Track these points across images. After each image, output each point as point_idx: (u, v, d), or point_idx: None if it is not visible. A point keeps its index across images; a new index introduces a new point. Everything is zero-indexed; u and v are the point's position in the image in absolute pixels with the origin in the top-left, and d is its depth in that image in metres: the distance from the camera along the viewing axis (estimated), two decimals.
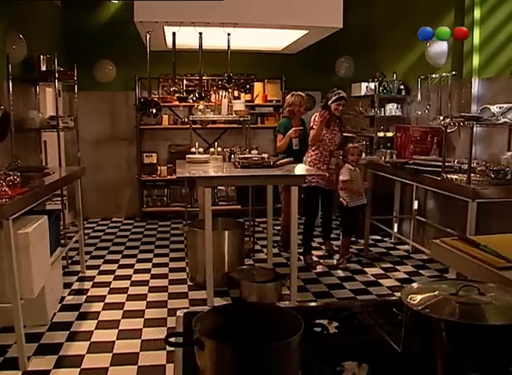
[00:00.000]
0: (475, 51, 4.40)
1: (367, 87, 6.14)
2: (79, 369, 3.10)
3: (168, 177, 6.99)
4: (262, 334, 1.34)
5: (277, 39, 4.77)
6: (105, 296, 4.29)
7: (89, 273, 4.84)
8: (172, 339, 1.28)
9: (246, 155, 4.89)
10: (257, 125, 7.17)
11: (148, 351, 3.35)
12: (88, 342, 3.45)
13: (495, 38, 4.23)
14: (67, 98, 6.28)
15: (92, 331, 3.62)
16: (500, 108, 3.78)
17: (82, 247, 4.84)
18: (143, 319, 3.84)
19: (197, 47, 5.07)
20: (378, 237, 6.05)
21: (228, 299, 4.25)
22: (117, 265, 5.11)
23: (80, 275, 4.77)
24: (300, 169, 4.54)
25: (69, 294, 4.31)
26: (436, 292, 1.38)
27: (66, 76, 4.90)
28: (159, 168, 7.00)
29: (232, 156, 4.93)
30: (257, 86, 7.17)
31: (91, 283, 4.59)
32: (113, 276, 4.79)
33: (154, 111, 4.32)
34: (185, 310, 1.75)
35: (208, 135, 7.23)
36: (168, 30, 4.18)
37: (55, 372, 3.07)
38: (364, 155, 5.97)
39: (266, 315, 1.42)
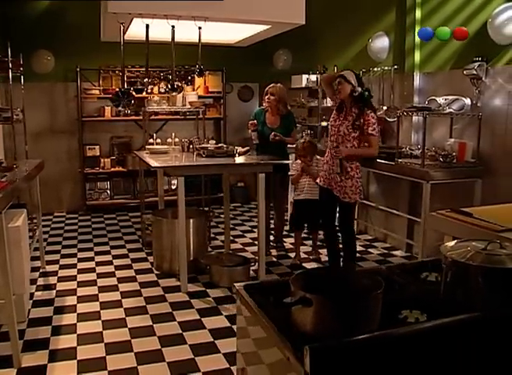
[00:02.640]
0: (416, 48, 4.84)
1: (307, 79, 6.46)
2: (76, 361, 3.10)
3: (112, 170, 6.91)
4: (340, 293, 1.58)
5: (235, 33, 4.91)
6: (76, 289, 4.24)
7: (50, 268, 4.74)
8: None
9: (203, 145, 5.02)
10: (199, 116, 7.25)
11: (139, 338, 3.41)
12: (75, 335, 3.44)
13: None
14: (2, 90, 5.98)
15: (75, 324, 3.61)
16: (446, 99, 4.24)
17: (41, 242, 4.73)
18: (122, 309, 3.87)
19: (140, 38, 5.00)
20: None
21: (200, 285, 4.38)
22: (76, 258, 5.04)
23: (41, 270, 4.66)
24: (239, 158, 4.64)
25: (37, 290, 4.21)
26: (469, 248, 1.72)
27: (17, 65, 4.72)
28: (102, 160, 6.88)
29: (191, 146, 5.03)
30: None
31: (56, 277, 4.51)
32: (76, 269, 4.73)
33: (132, 101, 4.31)
34: (241, 284, 1.92)
35: (148, 127, 7.19)
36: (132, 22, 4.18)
37: (52, 366, 3.05)
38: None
39: (343, 277, 1.67)
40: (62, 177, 6.85)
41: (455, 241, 1.85)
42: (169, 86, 4.43)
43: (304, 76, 6.46)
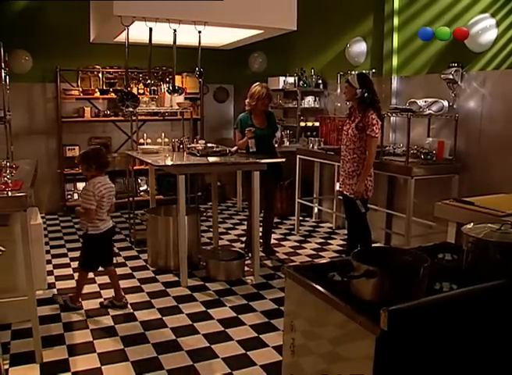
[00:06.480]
0: (394, 53, 5.17)
1: (284, 81, 6.71)
2: (96, 354, 3.21)
3: None
4: (392, 267, 1.83)
5: (223, 37, 5.06)
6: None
7: None
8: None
9: (193, 145, 5.18)
10: (177, 117, 7.37)
11: (152, 330, 3.55)
12: (88, 330, 3.54)
13: (411, 43, 5.03)
14: None
15: (85, 320, 3.70)
16: (425, 101, 4.58)
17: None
18: (128, 304, 3.98)
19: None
20: (300, 218, 6.69)
21: (197, 279, 4.54)
22: (68, 258, 5.08)
23: None
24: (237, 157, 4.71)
25: (37, 289, 4.23)
26: (486, 228, 2.03)
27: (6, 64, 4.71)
28: None
29: (181, 146, 5.17)
30: (176, 79, 7.34)
31: (52, 277, 4.55)
32: (71, 268, 4.77)
33: (138, 101, 4.40)
34: (286, 267, 2.09)
35: (126, 127, 7.24)
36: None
37: (74, 359, 3.14)
38: (288, 143, 6.58)
39: (392, 255, 1.93)
40: (40, 178, 6.71)
41: (472, 223, 2.13)
42: (171, 87, 4.57)
43: (281, 79, 6.70)
